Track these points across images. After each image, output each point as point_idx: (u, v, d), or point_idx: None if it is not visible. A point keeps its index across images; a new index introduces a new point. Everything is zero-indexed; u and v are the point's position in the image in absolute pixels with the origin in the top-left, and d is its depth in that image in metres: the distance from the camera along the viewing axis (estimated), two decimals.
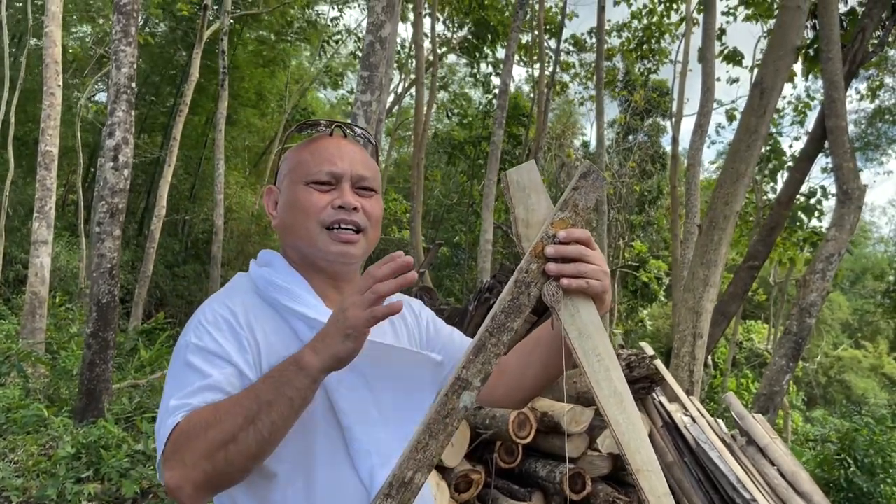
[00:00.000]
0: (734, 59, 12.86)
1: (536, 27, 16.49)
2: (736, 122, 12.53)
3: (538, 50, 16.81)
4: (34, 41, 14.88)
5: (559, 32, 16.75)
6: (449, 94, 23.50)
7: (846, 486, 5.98)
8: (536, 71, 18.17)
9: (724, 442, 3.62)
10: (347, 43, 21.64)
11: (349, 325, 0.98)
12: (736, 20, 14.26)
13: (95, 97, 20.18)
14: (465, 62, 21.52)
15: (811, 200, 9.97)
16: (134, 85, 6.40)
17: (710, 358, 12.36)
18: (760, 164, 10.92)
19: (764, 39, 14.67)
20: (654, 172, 21.08)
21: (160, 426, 1.03)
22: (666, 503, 0.97)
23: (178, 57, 19.68)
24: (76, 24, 18.74)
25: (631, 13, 16.79)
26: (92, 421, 5.80)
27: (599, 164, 12.83)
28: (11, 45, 15.51)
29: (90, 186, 16.09)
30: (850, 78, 7.91)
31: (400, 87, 22.40)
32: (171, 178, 13.90)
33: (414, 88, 16.93)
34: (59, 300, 13.31)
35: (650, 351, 3.95)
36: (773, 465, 3.65)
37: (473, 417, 3.28)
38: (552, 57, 16.93)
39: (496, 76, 19.74)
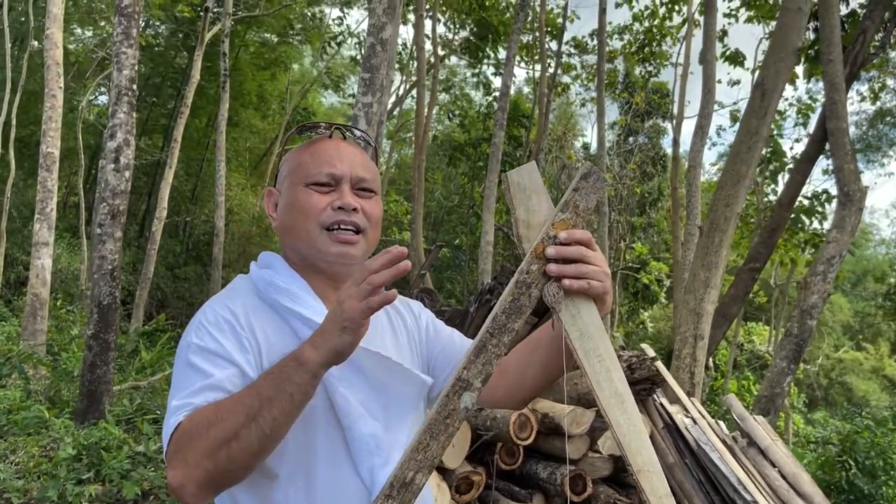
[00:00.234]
0: (736, 60, 12.86)
1: (538, 28, 16.50)
2: (738, 123, 12.52)
3: (539, 51, 16.82)
4: (35, 43, 14.90)
5: (560, 34, 16.76)
6: (450, 96, 23.51)
7: (847, 487, 5.98)
8: (538, 72, 18.19)
9: (725, 443, 3.61)
10: (348, 44, 21.68)
11: (346, 317, 0.99)
12: (738, 21, 14.26)
13: (97, 99, 20.23)
14: (465, 64, 21.55)
15: (813, 203, 9.97)
16: (135, 87, 6.41)
17: (710, 360, 12.35)
18: (761, 165, 10.92)
19: (765, 41, 14.68)
20: (654, 174, 21.07)
21: (164, 426, 1.05)
22: None
23: (179, 59, 19.72)
24: (78, 26, 18.77)
25: (633, 15, 16.79)
26: (93, 422, 5.80)
27: (600, 165, 12.84)
28: (13, 47, 15.53)
29: (91, 188, 16.10)
30: (851, 80, 7.91)
31: (401, 88, 22.43)
32: (172, 179, 13.90)
33: (415, 90, 16.95)
34: (60, 302, 13.33)
35: (651, 352, 3.95)
36: (774, 466, 3.65)
37: (474, 419, 3.28)
38: (553, 58, 16.94)
39: (497, 77, 19.77)
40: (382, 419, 1.19)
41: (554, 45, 17.44)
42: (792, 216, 8.81)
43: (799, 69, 9.13)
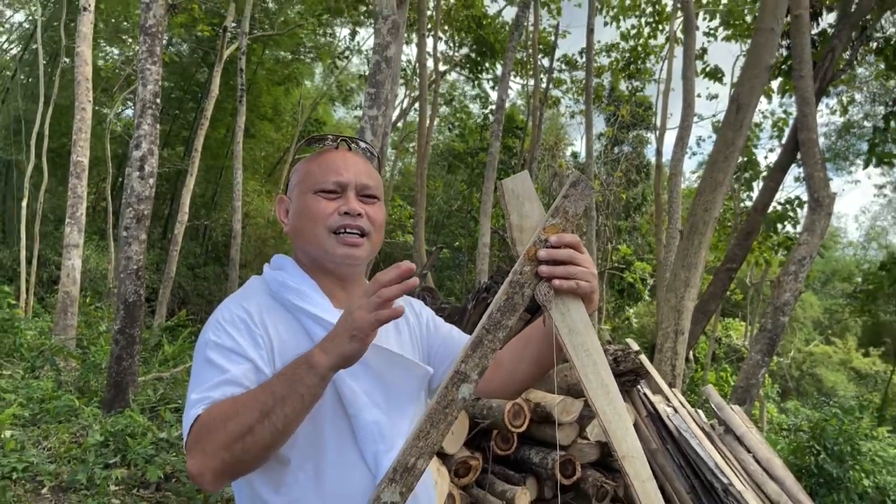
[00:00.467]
0: (714, 76, 12.83)
1: (531, 46, 16.49)
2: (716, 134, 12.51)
3: (532, 67, 16.81)
4: (67, 60, 14.90)
5: (552, 52, 16.77)
6: (451, 109, 23.49)
7: (817, 471, 5.98)
8: (531, 86, 18.17)
9: (703, 431, 3.61)
10: (355, 62, 21.66)
11: (356, 326, 0.99)
12: (717, 40, 14.23)
13: (123, 112, 20.22)
14: (465, 79, 21.54)
15: (786, 208, 9.94)
16: (158, 101, 6.41)
17: (691, 353, 12.35)
18: (738, 174, 10.89)
19: (742, 58, 14.66)
20: (639, 181, 21.04)
21: (184, 417, 1.05)
22: (649, 487, 0.97)
23: (199, 75, 19.70)
24: (106, 44, 18.76)
25: (620, 34, 16.80)
26: (119, 411, 5.80)
27: (588, 173, 12.83)
28: (47, 64, 15.52)
29: (118, 194, 16.09)
30: (820, 94, 7.91)
31: (405, 102, 22.41)
32: (192, 186, 13.91)
33: (417, 104, 16.94)
34: (89, 299, 13.33)
35: (635, 346, 3.94)
36: (749, 452, 3.64)
37: (472, 408, 3.28)
38: (545, 74, 16.95)
39: (494, 90, 19.75)
40: (385, 408, 1.20)
41: (546, 61, 17.46)
42: (765, 221, 8.78)
43: (774, 84, 9.12)
